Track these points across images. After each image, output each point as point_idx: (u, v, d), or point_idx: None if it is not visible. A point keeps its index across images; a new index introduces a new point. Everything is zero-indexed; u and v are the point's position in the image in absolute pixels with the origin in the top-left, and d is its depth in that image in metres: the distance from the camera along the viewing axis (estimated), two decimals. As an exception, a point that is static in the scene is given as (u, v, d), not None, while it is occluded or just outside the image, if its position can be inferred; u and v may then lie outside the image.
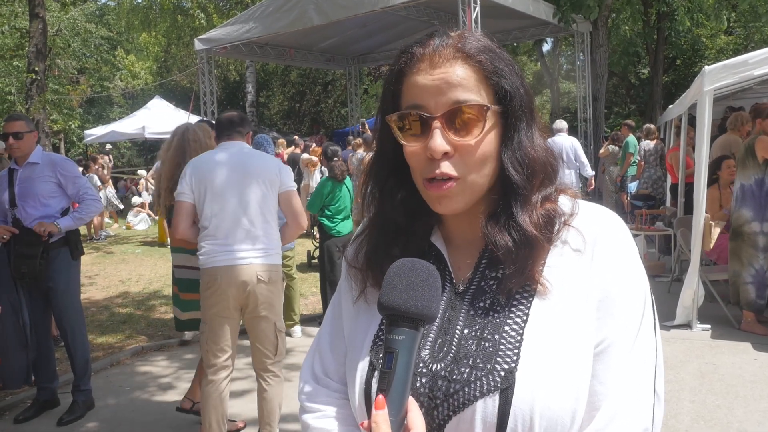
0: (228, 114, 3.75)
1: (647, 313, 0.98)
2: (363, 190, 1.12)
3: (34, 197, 4.26)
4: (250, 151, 3.65)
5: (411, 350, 0.86)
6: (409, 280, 0.88)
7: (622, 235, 1.00)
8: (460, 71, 0.96)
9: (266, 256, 3.51)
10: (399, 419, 0.85)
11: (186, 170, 3.54)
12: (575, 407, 0.90)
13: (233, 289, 3.44)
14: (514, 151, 0.99)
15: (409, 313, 0.86)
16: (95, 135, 20.44)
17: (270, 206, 3.54)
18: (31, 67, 12.63)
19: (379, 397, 0.84)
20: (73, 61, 25.45)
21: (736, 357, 5.15)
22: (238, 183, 3.47)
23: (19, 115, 4.48)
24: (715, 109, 6.46)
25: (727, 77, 5.54)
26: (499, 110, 0.99)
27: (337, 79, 29.97)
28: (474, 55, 0.97)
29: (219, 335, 3.53)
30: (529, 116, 1.01)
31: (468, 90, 0.96)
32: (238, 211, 3.44)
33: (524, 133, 1.00)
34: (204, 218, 3.49)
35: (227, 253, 3.44)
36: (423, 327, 0.88)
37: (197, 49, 15.41)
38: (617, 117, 28.66)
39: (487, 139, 0.97)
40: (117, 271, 10.04)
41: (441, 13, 13.55)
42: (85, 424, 4.37)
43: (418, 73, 0.98)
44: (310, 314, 6.98)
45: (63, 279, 4.37)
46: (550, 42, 30.22)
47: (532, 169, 0.99)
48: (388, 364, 0.85)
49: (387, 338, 0.87)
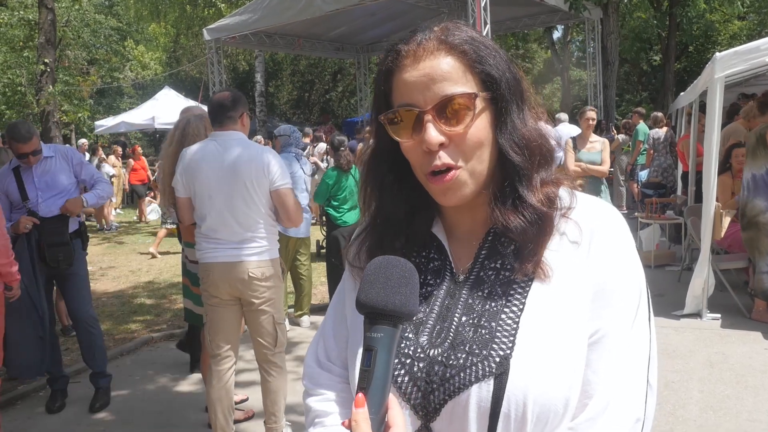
0: (219, 96, 3.56)
1: (642, 305, 0.99)
2: (362, 187, 1.14)
3: (57, 189, 4.34)
4: (239, 145, 3.47)
5: (390, 348, 0.86)
6: (387, 276, 0.88)
7: (619, 227, 1.02)
8: (445, 63, 0.97)
9: (257, 254, 3.46)
10: (379, 417, 0.85)
11: (178, 166, 3.51)
12: (568, 395, 0.92)
13: (226, 285, 3.45)
14: (510, 134, 1.01)
15: (386, 310, 0.86)
16: (105, 126, 20.54)
17: (259, 204, 3.44)
18: (41, 58, 12.68)
19: (359, 395, 0.84)
20: (82, 52, 25.51)
21: (746, 346, 5.12)
22: (226, 182, 3.39)
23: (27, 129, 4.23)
24: (727, 96, 6.40)
25: (738, 64, 5.48)
26: (488, 96, 1.00)
27: (346, 69, 29.91)
28: (457, 45, 0.98)
29: (219, 326, 3.56)
30: (519, 99, 1.03)
31: (454, 81, 0.97)
32: (226, 212, 3.40)
33: (516, 115, 1.02)
34: (196, 216, 3.50)
35: (218, 250, 3.43)
36: (402, 324, 0.89)
37: (206, 39, 15.43)
38: (629, 104, 28.45)
39: (480, 124, 0.99)
40: (128, 261, 10.11)
41: (450, 0, 13.46)
42: (95, 413, 4.42)
43: (404, 69, 0.99)
44: (319, 303, 7.00)
45: (81, 268, 4.51)
46: (560, 29, 29.97)
47: (530, 150, 1.01)
48: (367, 362, 0.85)
49: (366, 336, 0.87)
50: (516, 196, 1.01)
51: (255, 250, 3.46)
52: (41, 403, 4.58)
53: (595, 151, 6.86)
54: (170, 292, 7.81)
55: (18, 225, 4.17)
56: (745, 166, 5.96)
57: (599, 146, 6.92)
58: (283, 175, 3.48)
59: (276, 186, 3.46)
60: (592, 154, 6.84)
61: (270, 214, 3.52)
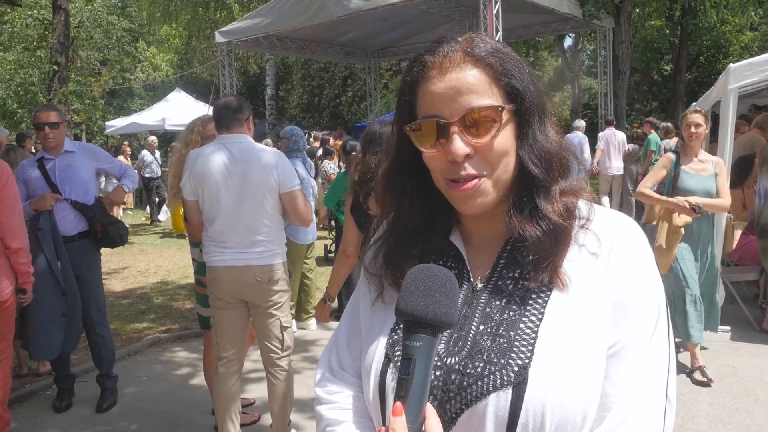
0: (224, 100, 3.55)
1: (661, 318, 0.99)
2: (382, 194, 1.15)
3: (77, 184, 4.38)
4: (248, 148, 3.45)
5: (429, 357, 0.86)
6: (427, 286, 0.89)
7: (639, 239, 1.02)
8: (471, 75, 0.98)
9: (265, 258, 3.45)
10: (417, 426, 0.85)
11: (186, 168, 3.49)
12: (587, 407, 0.92)
13: (233, 288, 3.44)
14: (530, 145, 1.02)
15: (427, 319, 0.86)
16: (116, 126, 20.64)
17: (268, 208, 3.43)
18: (54, 58, 12.77)
19: (397, 404, 0.84)
20: (95, 53, 25.70)
21: (757, 360, 5.08)
22: (235, 187, 3.38)
23: (51, 105, 4.58)
24: (739, 107, 6.36)
25: (752, 75, 5.46)
26: (512, 108, 1.01)
27: (356, 73, 29.96)
28: (483, 58, 0.99)
29: (226, 328, 3.55)
30: (541, 111, 1.04)
31: (480, 93, 0.98)
32: (235, 216, 3.38)
33: (537, 127, 1.03)
34: (204, 219, 3.49)
35: (225, 254, 3.42)
36: (441, 333, 0.89)
37: (218, 41, 15.47)
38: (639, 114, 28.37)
39: (504, 136, 1.00)
40: (136, 261, 10.14)
41: (462, 7, 13.47)
42: (102, 414, 4.42)
43: (430, 81, 1.00)
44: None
45: (93, 270, 4.53)
46: (571, 37, 29.94)
47: (548, 162, 1.02)
48: (405, 371, 0.85)
49: (405, 345, 0.88)
50: (533, 207, 1.01)
51: (263, 254, 3.45)
52: (48, 401, 4.59)
53: (707, 174, 4.77)
54: (179, 294, 7.83)
55: (42, 201, 4.18)
56: (759, 176, 5.92)
57: (712, 167, 4.81)
58: (292, 178, 3.49)
59: (286, 189, 3.46)
60: (703, 179, 4.76)
61: (278, 217, 3.51)
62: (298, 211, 3.51)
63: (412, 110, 1.04)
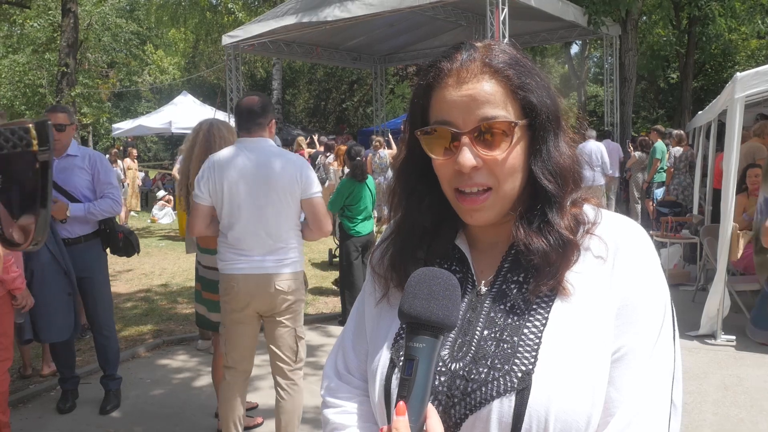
0: (248, 101, 3.40)
1: (667, 323, 0.99)
2: (391, 194, 1.15)
3: (71, 189, 4.32)
4: (270, 153, 3.34)
5: (431, 358, 0.88)
6: (431, 288, 0.91)
7: (645, 244, 1.02)
8: (488, 87, 0.98)
9: (285, 266, 3.34)
10: (419, 425, 0.87)
11: (203, 171, 3.34)
12: (591, 412, 0.92)
13: (250, 297, 3.32)
14: (544, 162, 1.01)
15: (430, 321, 0.89)
16: (123, 129, 20.73)
17: (291, 215, 3.34)
18: (63, 61, 12.84)
19: (400, 404, 0.86)
20: (103, 55, 25.81)
21: (762, 369, 5.05)
22: (257, 192, 3.27)
23: (62, 107, 4.50)
24: (746, 117, 6.34)
25: (759, 84, 5.44)
26: (526, 124, 1.00)
27: (362, 78, 30.02)
28: (501, 70, 0.98)
29: (237, 341, 3.44)
30: (556, 126, 1.03)
31: (495, 105, 0.97)
32: (257, 223, 3.27)
33: (552, 143, 1.02)
34: (222, 225, 3.36)
35: (245, 262, 3.30)
36: (443, 335, 0.91)
37: (225, 45, 15.54)
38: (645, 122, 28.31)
39: (515, 152, 0.99)
40: (140, 264, 10.15)
41: (469, 13, 13.49)
42: (105, 416, 4.42)
43: (445, 88, 0.99)
44: (330, 312, 7.00)
45: (99, 272, 4.51)
46: (578, 44, 29.93)
47: (563, 178, 1.02)
48: (408, 371, 0.88)
49: (407, 346, 0.90)
50: (544, 220, 1.01)
51: (283, 262, 3.33)
52: (52, 402, 4.59)
53: None
54: (183, 296, 7.83)
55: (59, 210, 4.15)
56: (760, 188, 5.90)
57: None
58: (315, 183, 3.39)
59: (309, 194, 3.35)
60: None
61: (298, 224, 3.41)
62: (319, 219, 3.38)
63: (425, 114, 1.04)
